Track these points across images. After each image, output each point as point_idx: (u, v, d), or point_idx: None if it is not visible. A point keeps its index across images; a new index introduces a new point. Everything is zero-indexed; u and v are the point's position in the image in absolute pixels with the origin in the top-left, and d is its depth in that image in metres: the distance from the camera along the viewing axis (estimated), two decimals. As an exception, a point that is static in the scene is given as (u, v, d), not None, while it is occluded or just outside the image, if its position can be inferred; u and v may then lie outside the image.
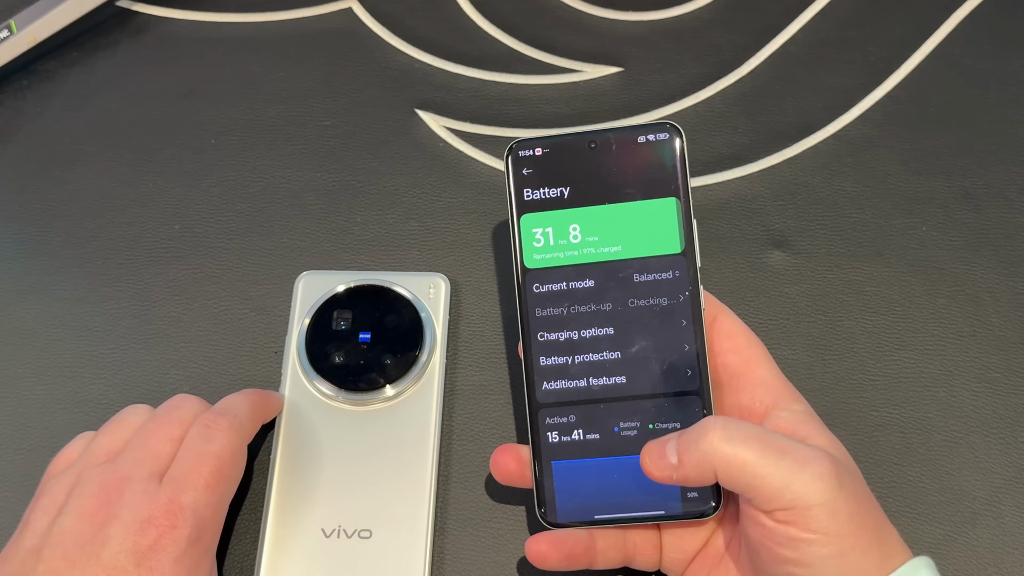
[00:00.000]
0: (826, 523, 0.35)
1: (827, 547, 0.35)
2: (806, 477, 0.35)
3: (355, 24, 0.60)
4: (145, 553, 0.38)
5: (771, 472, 0.35)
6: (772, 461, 0.35)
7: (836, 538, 0.35)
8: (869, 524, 0.36)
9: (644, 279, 0.41)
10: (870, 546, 0.36)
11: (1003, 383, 0.48)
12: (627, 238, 0.42)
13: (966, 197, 0.53)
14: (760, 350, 0.41)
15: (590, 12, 0.60)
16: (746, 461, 0.35)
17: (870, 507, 0.37)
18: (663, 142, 0.42)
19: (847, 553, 0.35)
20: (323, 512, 0.44)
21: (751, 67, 0.58)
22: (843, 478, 0.36)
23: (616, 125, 0.42)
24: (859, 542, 0.35)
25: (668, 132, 0.42)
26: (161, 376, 0.49)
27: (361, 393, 0.46)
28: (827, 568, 0.35)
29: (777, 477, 0.35)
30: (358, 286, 0.49)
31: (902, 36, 0.58)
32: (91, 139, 0.56)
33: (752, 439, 0.36)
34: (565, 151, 0.42)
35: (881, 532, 0.37)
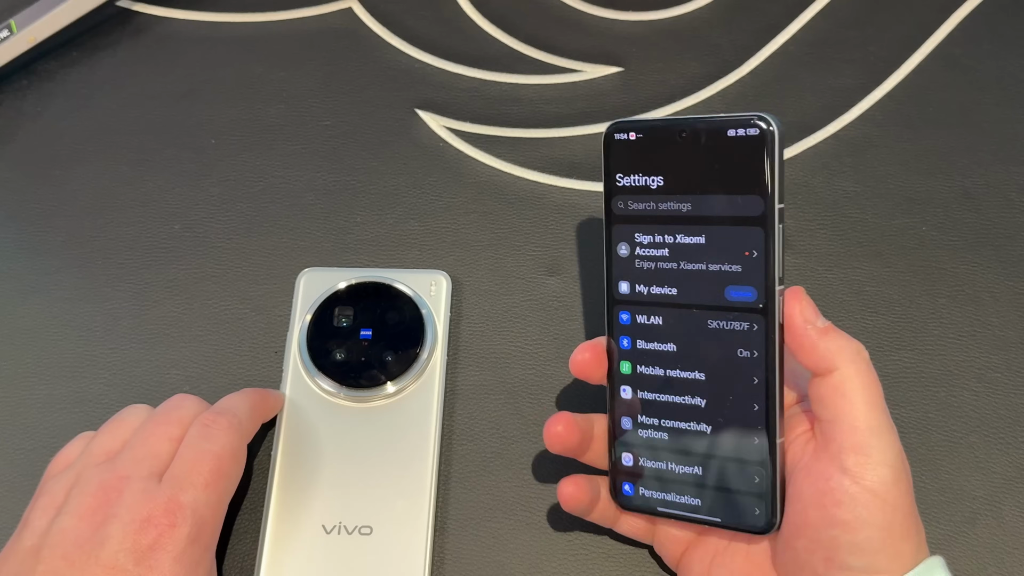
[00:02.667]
0: (888, 487, 0.35)
1: (880, 514, 0.35)
2: (890, 435, 0.36)
3: (355, 24, 0.60)
4: (145, 552, 0.38)
5: (869, 412, 0.36)
6: (876, 404, 0.36)
7: (891, 508, 0.35)
8: (911, 508, 0.36)
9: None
10: (912, 531, 0.36)
11: (1003, 383, 0.48)
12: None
13: (966, 197, 0.53)
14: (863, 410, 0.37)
15: (590, 12, 0.60)
16: (860, 384, 0.36)
17: (912, 494, 0.37)
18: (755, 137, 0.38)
19: (894, 528, 0.35)
20: (324, 508, 0.44)
21: (751, 67, 0.58)
22: (903, 455, 0.36)
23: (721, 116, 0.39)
24: (906, 522, 0.36)
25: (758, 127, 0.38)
26: (161, 376, 0.49)
27: (362, 390, 0.46)
28: (873, 539, 0.35)
29: (872, 418, 0.36)
30: (359, 283, 0.49)
31: (902, 36, 0.58)
32: (91, 139, 0.56)
33: (873, 377, 0.36)
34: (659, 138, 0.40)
35: (917, 522, 0.37)
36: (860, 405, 0.36)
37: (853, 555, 0.35)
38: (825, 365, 0.37)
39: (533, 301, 0.50)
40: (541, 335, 0.49)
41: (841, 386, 0.36)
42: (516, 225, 0.53)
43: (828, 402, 0.37)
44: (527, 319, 0.50)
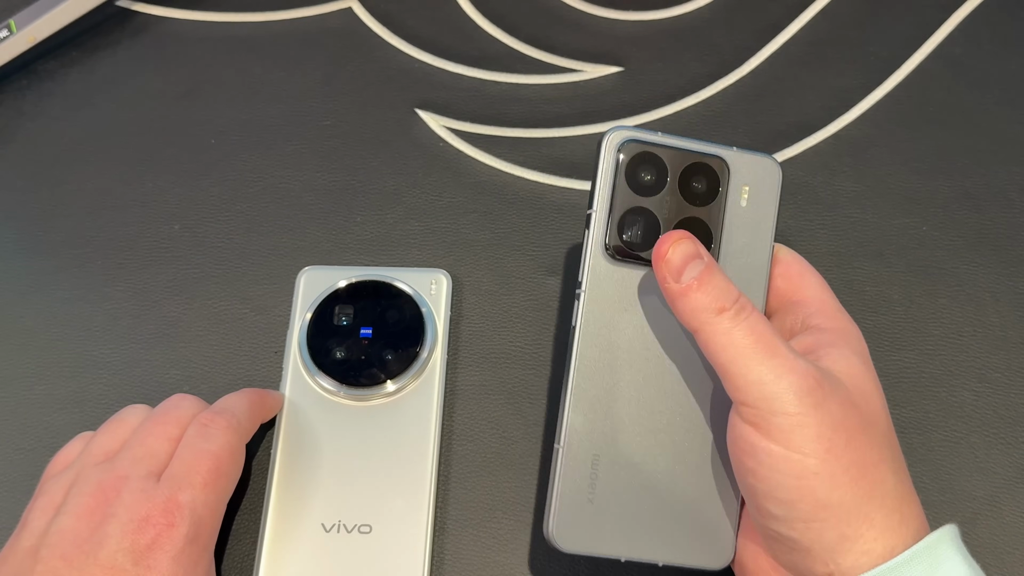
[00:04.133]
0: (788, 436, 0.34)
1: (786, 462, 0.34)
2: (782, 384, 0.34)
3: (355, 24, 0.60)
4: (143, 552, 0.38)
5: (751, 365, 0.34)
6: (757, 356, 0.34)
7: (798, 456, 0.34)
8: (849, 457, 0.34)
9: None
10: (843, 480, 0.34)
11: (1003, 383, 0.48)
12: None
13: (966, 197, 0.53)
14: (813, 278, 0.40)
15: (590, 12, 0.60)
16: (730, 343, 0.35)
17: (860, 443, 0.35)
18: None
19: (808, 477, 0.34)
20: (323, 507, 0.44)
21: (751, 67, 0.58)
22: (827, 401, 0.34)
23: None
24: (826, 469, 0.34)
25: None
26: (161, 376, 0.49)
27: (362, 388, 0.46)
28: (784, 488, 0.34)
29: (753, 372, 0.34)
30: (359, 281, 0.49)
31: (902, 36, 0.58)
32: (91, 139, 0.56)
33: (750, 332, 0.35)
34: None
35: (868, 473, 0.34)
36: (741, 361, 0.34)
37: (770, 503, 0.35)
38: (693, 325, 0.36)
39: (533, 301, 0.50)
40: (541, 335, 0.49)
41: (712, 343, 0.35)
42: (516, 225, 0.53)
43: (711, 354, 0.36)
44: (527, 319, 0.50)
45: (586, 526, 0.38)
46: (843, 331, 0.39)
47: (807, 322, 0.39)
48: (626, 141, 0.39)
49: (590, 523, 0.38)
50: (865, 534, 0.34)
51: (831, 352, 0.37)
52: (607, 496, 0.38)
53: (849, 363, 0.37)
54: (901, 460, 0.37)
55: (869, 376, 0.37)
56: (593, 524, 0.38)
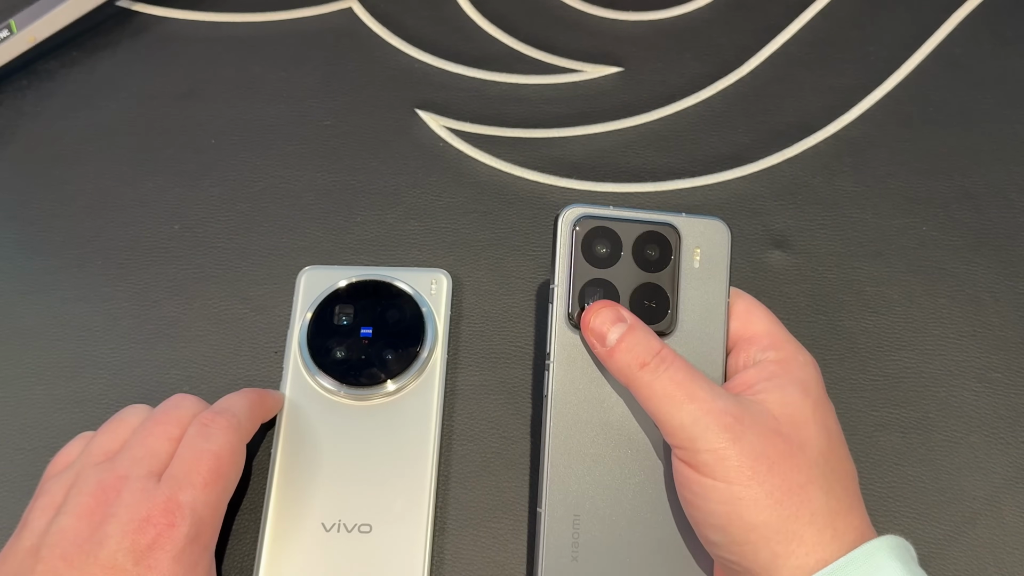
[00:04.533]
0: (713, 468, 0.37)
1: (714, 491, 0.37)
2: (701, 425, 0.37)
3: (355, 24, 0.60)
4: (143, 552, 0.38)
5: (672, 413, 0.38)
6: (676, 402, 0.38)
7: (723, 485, 0.37)
8: (772, 482, 0.36)
9: None
10: (766, 503, 0.36)
11: (1003, 383, 0.48)
12: None
13: (966, 197, 0.53)
14: (760, 313, 0.42)
15: (590, 12, 0.60)
16: (652, 396, 0.38)
17: (783, 469, 0.37)
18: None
19: (734, 503, 0.36)
20: (323, 506, 0.44)
21: (751, 67, 0.58)
22: (746, 434, 0.37)
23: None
24: (749, 494, 0.36)
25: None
26: (161, 376, 0.49)
27: (362, 388, 0.46)
28: (716, 514, 0.37)
29: (676, 418, 0.37)
30: (360, 281, 0.49)
31: (902, 36, 0.58)
32: (91, 139, 0.56)
33: (669, 381, 0.38)
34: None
35: (793, 495, 0.36)
36: (663, 413, 0.38)
37: (707, 530, 0.38)
38: (623, 381, 0.39)
39: (533, 301, 0.50)
40: (541, 335, 0.49)
41: (640, 396, 0.39)
42: (516, 225, 0.53)
43: (642, 405, 0.39)
44: (527, 319, 0.50)
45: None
46: (785, 361, 0.40)
47: (755, 357, 0.41)
48: (580, 218, 0.41)
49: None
50: (796, 551, 0.36)
51: (767, 385, 0.39)
52: (589, 553, 0.40)
53: (783, 393, 0.39)
54: (841, 479, 0.38)
55: (805, 403, 0.39)
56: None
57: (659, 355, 0.39)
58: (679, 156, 0.55)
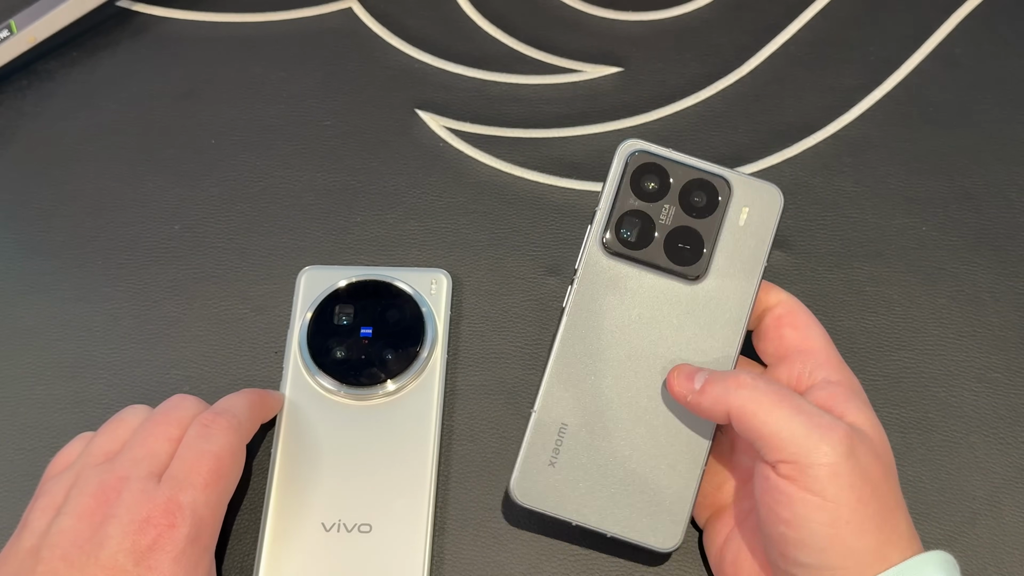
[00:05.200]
0: (824, 485, 0.36)
1: (821, 512, 0.36)
2: (815, 436, 0.36)
3: (355, 24, 0.60)
4: (144, 552, 0.38)
5: (781, 425, 0.36)
6: (785, 415, 0.37)
7: (832, 505, 0.36)
8: (874, 506, 0.36)
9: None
10: (868, 527, 0.36)
11: (1003, 383, 0.48)
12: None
13: (966, 197, 0.53)
14: (818, 330, 0.42)
15: (590, 12, 0.60)
16: (759, 409, 0.37)
17: (883, 492, 0.37)
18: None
19: (840, 525, 0.36)
20: (323, 506, 0.44)
21: (751, 67, 0.58)
22: (856, 451, 0.36)
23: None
24: (856, 517, 0.36)
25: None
26: (161, 376, 0.49)
27: (362, 388, 0.46)
28: (817, 536, 0.36)
29: (786, 430, 0.36)
30: (360, 281, 0.49)
31: (902, 36, 0.58)
32: (91, 139, 0.56)
33: (772, 393, 0.37)
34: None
35: (888, 520, 0.36)
36: (771, 425, 0.37)
37: (800, 551, 0.36)
38: (719, 416, 0.39)
39: (533, 301, 0.50)
40: (541, 335, 0.49)
41: (742, 422, 0.38)
42: (516, 225, 0.53)
43: (746, 435, 0.38)
44: (527, 319, 0.50)
45: (544, 486, 0.41)
46: (851, 385, 0.40)
47: (814, 373, 0.41)
48: (636, 151, 0.42)
49: (548, 484, 0.41)
50: (881, 573, 0.36)
51: (848, 406, 0.39)
52: (567, 462, 0.41)
53: (866, 416, 0.39)
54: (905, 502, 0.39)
55: (880, 427, 0.39)
56: (551, 486, 0.41)
57: (756, 375, 0.38)
58: (679, 156, 0.55)
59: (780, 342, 0.42)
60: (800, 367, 0.41)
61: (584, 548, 0.44)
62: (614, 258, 0.42)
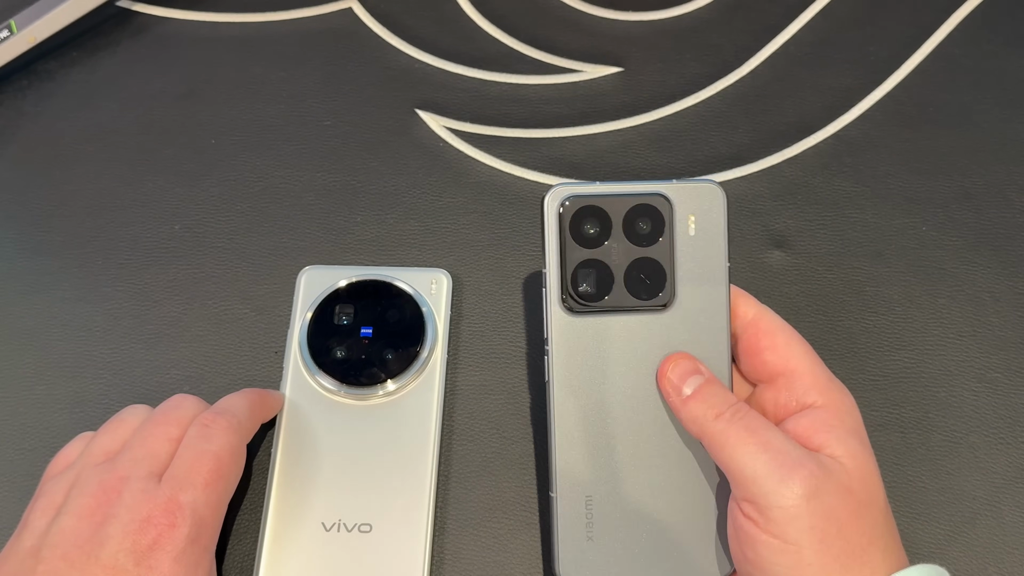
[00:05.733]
0: (783, 528, 0.35)
1: (782, 555, 0.35)
2: (775, 478, 0.36)
3: (355, 24, 0.60)
4: (144, 552, 0.38)
5: (745, 462, 0.36)
6: (750, 453, 0.36)
7: (793, 548, 0.35)
8: (839, 546, 0.35)
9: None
10: (833, 568, 0.35)
11: (1003, 383, 0.48)
12: None
13: (966, 197, 0.53)
14: (800, 347, 0.41)
15: (590, 12, 0.60)
16: (727, 444, 0.37)
17: (850, 531, 0.36)
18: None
19: (803, 567, 0.35)
20: (323, 506, 0.44)
21: (751, 67, 0.58)
22: (821, 490, 0.35)
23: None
24: (819, 559, 0.35)
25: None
26: (161, 376, 0.49)
27: (362, 387, 0.46)
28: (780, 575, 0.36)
29: (749, 468, 0.36)
30: (360, 281, 0.49)
31: (902, 36, 0.58)
32: (91, 139, 0.56)
33: (742, 429, 0.37)
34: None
35: (857, 558, 0.36)
36: (736, 462, 0.36)
37: None
38: (694, 435, 0.39)
39: (533, 301, 0.50)
40: (541, 335, 0.49)
41: (712, 453, 0.38)
42: (516, 225, 0.53)
43: (715, 457, 0.38)
44: (527, 319, 0.50)
45: (590, 563, 0.40)
46: (837, 408, 0.39)
47: (802, 399, 0.39)
48: (565, 198, 0.40)
49: (593, 560, 0.40)
50: None
51: (829, 436, 0.38)
52: (604, 533, 0.40)
53: (847, 446, 0.38)
54: (893, 530, 0.38)
55: (866, 454, 0.38)
56: (596, 560, 0.40)
57: (734, 406, 0.38)
58: (679, 156, 0.55)
59: (762, 368, 0.41)
60: (785, 393, 0.40)
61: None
62: (580, 315, 0.40)
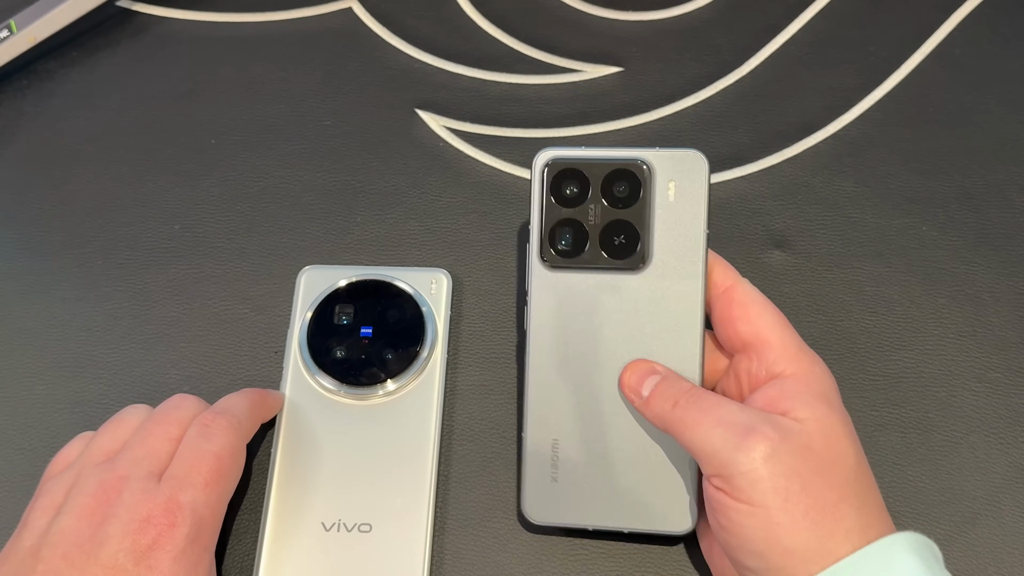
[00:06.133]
0: (748, 493, 0.37)
1: (751, 517, 0.37)
2: (731, 447, 0.37)
3: (355, 24, 0.60)
4: (144, 552, 0.38)
5: (704, 440, 0.38)
6: (706, 430, 0.38)
7: (760, 510, 0.36)
8: (806, 502, 0.36)
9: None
10: (802, 526, 0.36)
11: (1003, 383, 0.48)
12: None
13: (966, 197, 0.53)
14: (772, 317, 0.41)
15: (590, 12, 0.60)
16: (686, 428, 0.39)
17: (816, 487, 0.37)
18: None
19: (772, 528, 0.36)
20: (323, 506, 0.44)
21: (751, 67, 0.58)
22: (779, 451, 0.37)
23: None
24: (786, 518, 0.36)
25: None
26: (161, 376, 0.49)
27: (362, 387, 0.46)
28: (754, 540, 0.37)
29: (708, 444, 0.38)
30: (360, 281, 0.49)
31: (902, 36, 0.58)
32: (91, 139, 0.56)
33: (696, 410, 0.39)
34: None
35: (828, 514, 0.36)
36: (697, 442, 0.38)
37: (745, 556, 0.38)
38: (660, 426, 0.40)
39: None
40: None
41: (678, 440, 0.40)
42: (516, 225, 0.53)
43: (681, 443, 0.40)
44: (527, 319, 0.50)
45: (553, 501, 0.42)
46: (805, 375, 0.40)
47: (771, 369, 0.40)
48: (550, 160, 0.42)
49: (556, 498, 0.42)
50: (831, 567, 0.36)
51: (794, 402, 0.39)
52: (568, 474, 0.42)
53: (812, 409, 0.39)
54: (870, 491, 0.38)
55: (832, 415, 0.39)
56: (560, 500, 0.42)
57: (688, 392, 0.40)
58: (679, 156, 0.55)
59: (735, 337, 0.42)
60: (756, 363, 0.41)
61: (584, 548, 0.44)
62: (558, 270, 0.42)
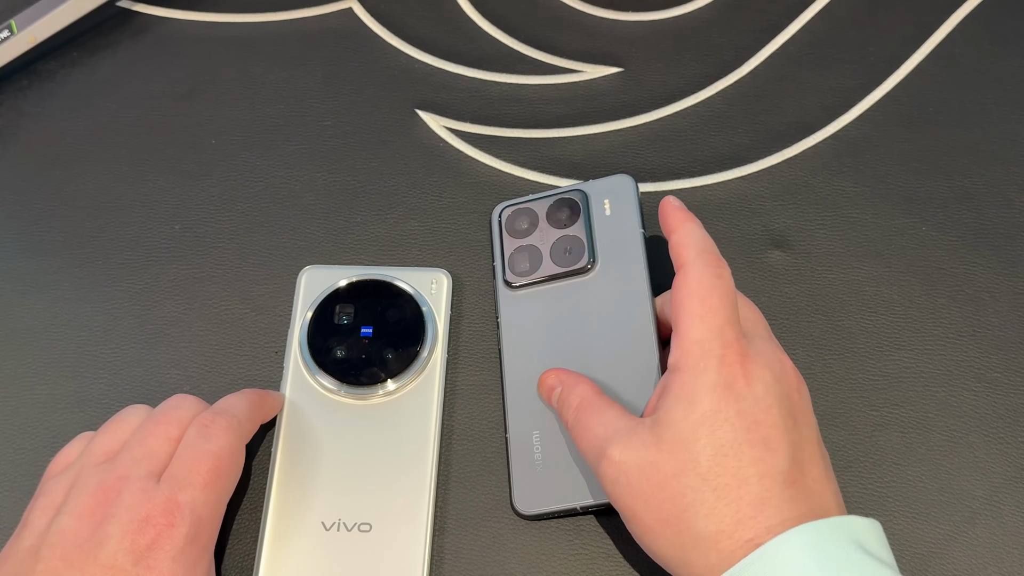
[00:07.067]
0: (615, 499, 0.40)
1: (629, 524, 0.40)
2: (594, 467, 0.40)
3: (355, 24, 0.60)
4: (143, 552, 0.38)
5: (585, 454, 0.42)
6: (584, 446, 0.41)
7: (631, 518, 0.39)
8: (651, 517, 0.38)
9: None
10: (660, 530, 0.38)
11: (1003, 383, 0.48)
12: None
13: (966, 197, 0.53)
14: (691, 303, 0.40)
15: (590, 12, 0.60)
16: (577, 438, 0.42)
17: (660, 504, 0.38)
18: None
19: (643, 537, 0.39)
20: (323, 505, 0.44)
21: (751, 67, 0.58)
22: (626, 475, 0.39)
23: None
24: (646, 530, 0.39)
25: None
26: (161, 376, 0.49)
27: (362, 387, 0.46)
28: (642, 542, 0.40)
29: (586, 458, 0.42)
30: (360, 280, 0.49)
31: (902, 36, 0.58)
32: (91, 139, 0.56)
33: (579, 424, 0.42)
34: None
35: (672, 527, 0.38)
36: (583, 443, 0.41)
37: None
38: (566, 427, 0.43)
39: (533, 301, 0.50)
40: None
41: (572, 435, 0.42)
42: (516, 225, 0.53)
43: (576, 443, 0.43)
44: (527, 319, 0.50)
45: (539, 488, 0.44)
46: (679, 371, 0.40)
47: (672, 358, 0.41)
48: (503, 207, 0.51)
49: (542, 485, 0.44)
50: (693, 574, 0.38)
51: (661, 404, 0.40)
52: (549, 457, 0.45)
53: (668, 414, 0.39)
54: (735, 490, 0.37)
55: (689, 419, 0.38)
56: (544, 485, 0.44)
57: (578, 404, 0.42)
58: (679, 156, 0.55)
59: (666, 326, 0.44)
60: (671, 349, 0.41)
61: (584, 548, 0.44)
62: (520, 289, 0.48)
